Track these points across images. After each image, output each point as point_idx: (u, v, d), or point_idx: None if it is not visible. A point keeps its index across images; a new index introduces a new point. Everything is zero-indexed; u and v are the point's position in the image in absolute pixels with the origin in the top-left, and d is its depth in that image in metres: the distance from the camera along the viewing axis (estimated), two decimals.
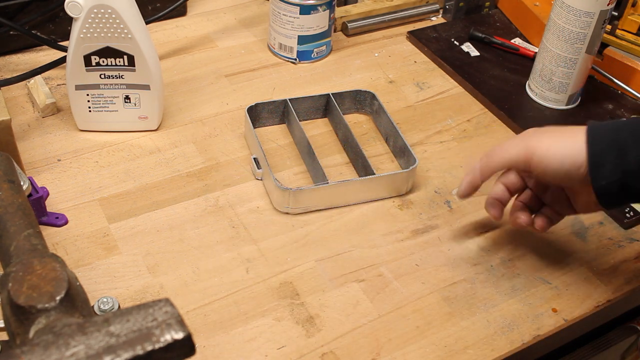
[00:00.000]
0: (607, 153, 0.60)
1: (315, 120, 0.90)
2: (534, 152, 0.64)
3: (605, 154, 0.60)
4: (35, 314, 0.44)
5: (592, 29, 0.85)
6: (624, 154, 0.60)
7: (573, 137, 0.63)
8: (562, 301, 0.70)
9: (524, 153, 0.65)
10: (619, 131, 0.61)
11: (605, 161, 0.60)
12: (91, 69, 0.79)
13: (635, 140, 0.60)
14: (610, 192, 0.61)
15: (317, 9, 0.94)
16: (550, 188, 0.70)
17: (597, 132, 0.62)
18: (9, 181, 0.54)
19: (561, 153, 0.63)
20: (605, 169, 0.60)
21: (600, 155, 0.61)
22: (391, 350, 0.65)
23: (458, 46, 1.03)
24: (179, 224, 0.74)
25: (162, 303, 0.42)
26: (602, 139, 0.61)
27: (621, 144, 0.60)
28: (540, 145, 0.64)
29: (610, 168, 0.60)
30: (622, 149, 0.60)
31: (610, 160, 0.60)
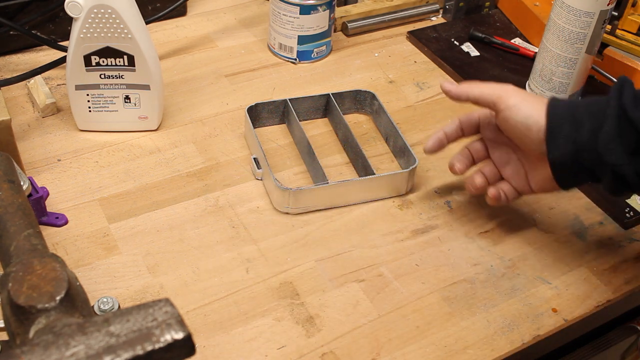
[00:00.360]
0: (563, 125, 0.63)
1: (315, 120, 0.90)
2: (507, 98, 0.68)
3: (561, 126, 0.64)
4: (35, 314, 0.44)
5: (592, 29, 0.85)
6: (579, 127, 0.63)
7: (543, 103, 0.66)
8: (562, 301, 0.70)
9: (497, 94, 0.69)
10: (577, 107, 0.64)
11: (560, 133, 0.64)
12: (91, 69, 0.79)
13: (589, 115, 0.63)
14: (563, 163, 0.64)
15: (317, 9, 0.94)
16: (510, 162, 0.73)
17: (557, 105, 0.65)
18: (9, 181, 0.54)
19: (528, 110, 0.66)
20: (559, 141, 0.64)
21: (556, 126, 0.64)
22: (391, 350, 0.65)
23: (458, 46, 1.03)
24: (179, 224, 0.74)
25: (162, 303, 0.42)
26: (561, 112, 0.65)
27: (577, 118, 0.63)
28: (514, 96, 0.68)
29: (564, 140, 0.63)
30: (577, 122, 0.63)
31: (565, 132, 0.63)
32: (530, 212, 0.79)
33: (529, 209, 0.80)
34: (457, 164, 0.75)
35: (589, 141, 0.62)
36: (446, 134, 0.76)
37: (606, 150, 0.61)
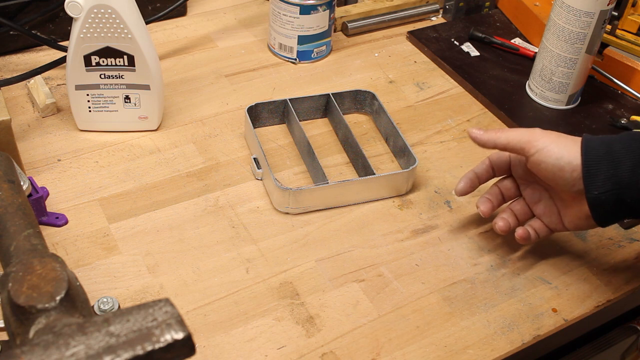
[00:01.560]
0: (601, 163, 0.62)
1: (315, 120, 0.90)
2: (536, 142, 0.66)
3: (599, 164, 0.62)
4: (35, 314, 0.44)
5: (592, 29, 0.85)
6: (617, 166, 0.61)
7: (573, 142, 0.65)
8: (562, 301, 0.70)
9: (526, 139, 0.67)
10: (612, 143, 0.63)
11: (598, 171, 0.62)
12: (91, 69, 0.79)
13: (627, 152, 0.61)
14: (603, 203, 0.63)
15: (317, 9, 0.94)
16: (542, 200, 0.71)
17: (591, 143, 0.64)
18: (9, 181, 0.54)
19: (560, 151, 0.65)
20: (598, 179, 0.62)
21: (593, 164, 0.62)
22: (391, 350, 0.65)
23: (458, 46, 1.03)
24: (179, 224, 0.74)
25: (162, 303, 0.42)
26: (596, 150, 0.63)
27: (614, 156, 0.62)
28: (543, 138, 0.66)
29: (602, 178, 0.62)
30: (614, 160, 0.62)
31: (603, 170, 0.62)
32: None
33: None
34: (481, 206, 0.73)
35: (630, 179, 0.61)
36: (477, 175, 0.74)
37: None
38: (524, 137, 0.67)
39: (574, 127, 0.91)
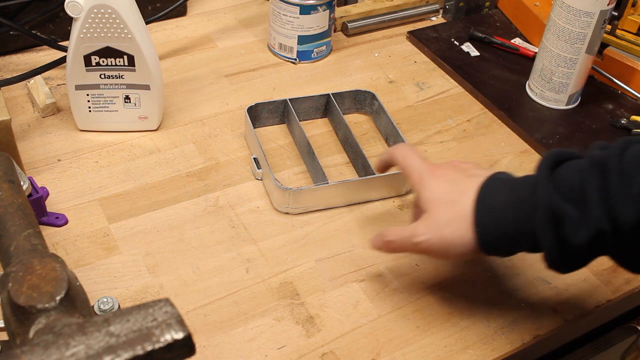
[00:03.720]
0: (498, 246, 0.59)
1: (315, 120, 0.90)
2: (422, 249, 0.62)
3: (496, 247, 0.60)
4: (35, 314, 0.44)
5: (592, 29, 0.85)
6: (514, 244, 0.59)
7: (460, 225, 0.60)
8: (562, 301, 0.70)
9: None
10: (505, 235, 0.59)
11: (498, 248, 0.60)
12: (91, 69, 0.79)
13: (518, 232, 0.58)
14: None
15: (317, 9, 0.94)
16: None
17: (486, 236, 0.59)
18: (9, 181, 0.54)
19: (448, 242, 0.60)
20: (499, 252, 0.61)
21: (489, 240, 0.59)
22: (391, 350, 0.65)
23: (458, 46, 1.03)
24: (179, 224, 0.74)
25: (162, 303, 0.42)
26: (491, 235, 0.59)
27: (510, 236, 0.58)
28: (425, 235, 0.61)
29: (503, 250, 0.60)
30: (512, 243, 0.59)
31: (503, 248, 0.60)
32: None
33: None
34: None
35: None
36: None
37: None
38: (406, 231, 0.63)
39: (574, 127, 0.91)
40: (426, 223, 0.61)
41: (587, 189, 0.54)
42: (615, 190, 0.53)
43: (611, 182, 0.53)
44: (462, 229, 0.59)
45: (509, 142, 0.89)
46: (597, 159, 0.55)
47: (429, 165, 0.65)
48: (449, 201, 0.60)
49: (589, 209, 0.54)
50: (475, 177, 0.61)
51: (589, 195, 0.54)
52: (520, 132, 0.90)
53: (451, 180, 0.62)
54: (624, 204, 0.52)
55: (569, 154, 0.59)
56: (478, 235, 0.59)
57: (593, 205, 0.54)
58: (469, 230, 0.59)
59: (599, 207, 0.53)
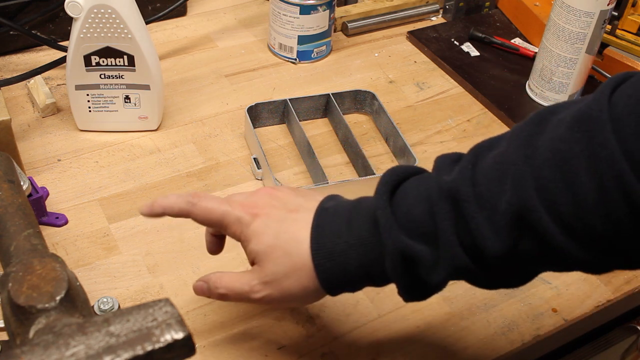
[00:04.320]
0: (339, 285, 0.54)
1: (315, 120, 0.90)
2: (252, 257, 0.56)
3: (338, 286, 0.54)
4: (35, 314, 0.44)
5: (592, 29, 0.85)
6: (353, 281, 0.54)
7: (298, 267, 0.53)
8: (562, 301, 0.70)
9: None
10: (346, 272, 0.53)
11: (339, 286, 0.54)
12: (91, 69, 0.79)
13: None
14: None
15: (317, 9, 0.94)
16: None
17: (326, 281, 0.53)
18: (9, 181, 0.54)
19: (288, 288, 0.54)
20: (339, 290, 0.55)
21: (335, 286, 0.54)
22: (391, 350, 0.65)
23: (458, 46, 1.03)
24: (179, 224, 0.74)
25: (162, 303, 0.42)
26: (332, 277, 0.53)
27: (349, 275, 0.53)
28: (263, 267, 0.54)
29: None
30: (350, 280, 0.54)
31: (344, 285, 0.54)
32: None
33: None
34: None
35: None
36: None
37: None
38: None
39: None
40: (262, 279, 0.54)
41: (438, 224, 0.48)
42: (475, 222, 0.47)
43: (467, 214, 0.47)
44: (304, 279, 0.53)
45: None
46: (446, 188, 0.48)
47: (241, 206, 0.56)
48: (283, 252, 0.53)
49: (445, 248, 0.48)
50: (300, 212, 0.55)
51: (441, 231, 0.48)
52: None
53: (276, 220, 0.54)
54: (487, 236, 0.47)
55: (407, 172, 0.53)
56: (323, 284, 0.53)
57: (449, 243, 0.48)
58: (312, 279, 0.53)
59: (456, 244, 0.48)
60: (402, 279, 0.51)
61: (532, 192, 0.45)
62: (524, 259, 0.48)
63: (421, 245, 0.49)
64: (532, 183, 0.45)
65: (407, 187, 0.51)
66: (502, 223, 0.46)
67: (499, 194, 0.46)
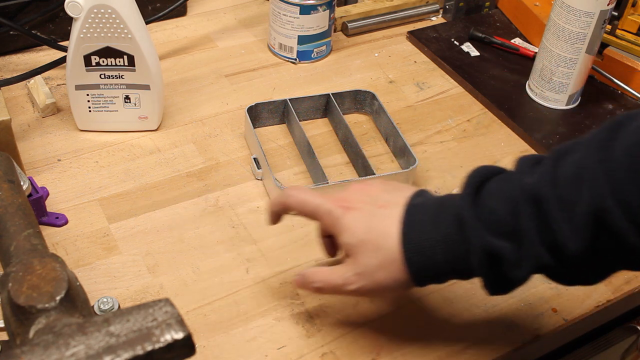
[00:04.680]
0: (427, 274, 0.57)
1: (315, 120, 0.90)
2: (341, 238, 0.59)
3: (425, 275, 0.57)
4: (35, 314, 0.44)
5: (592, 29, 0.85)
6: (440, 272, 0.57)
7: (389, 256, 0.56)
8: (562, 301, 0.70)
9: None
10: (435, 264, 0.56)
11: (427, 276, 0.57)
12: (91, 69, 0.79)
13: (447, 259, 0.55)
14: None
15: (317, 9, 0.94)
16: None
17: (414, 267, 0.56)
18: (9, 181, 0.54)
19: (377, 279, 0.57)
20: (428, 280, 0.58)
21: (424, 279, 0.58)
22: (391, 350, 0.65)
23: (458, 46, 1.03)
24: (179, 224, 0.74)
25: (162, 303, 0.42)
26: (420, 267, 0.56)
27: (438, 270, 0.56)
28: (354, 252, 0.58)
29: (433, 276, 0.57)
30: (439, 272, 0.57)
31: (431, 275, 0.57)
32: None
33: None
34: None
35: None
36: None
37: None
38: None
39: (574, 127, 0.91)
40: (355, 271, 0.58)
41: (522, 224, 0.51)
42: (556, 222, 0.50)
43: (549, 215, 0.50)
44: (395, 272, 0.57)
45: (509, 142, 0.89)
46: (529, 189, 0.51)
47: (334, 200, 0.60)
48: (374, 246, 0.57)
49: (528, 246, 0.51)
50: (389, 208, 0.58)
51: (525, 231, 0.51)
52: (520, 132, 0.90)
53: (366, 216, 0.58)
54: (568, 236, 0.50)
55: (491, 172, 0.56)
56: (412, 277, 0.57)
57: (531, 241, 0.51)
58: (401, 272, 0.56)
59: (539, 243, 0.51)
60: (487, 274, 0.54)
61: (608, 194, 0.48)
62: (601, 258, 0.51)
63: (505, 243, 0.52)
64: (607, 186, 0.48)
65: (491, 187, 0.54)
66: (581, 224, 0.49)
67: (578, 196, 0.49)
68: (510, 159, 0.86)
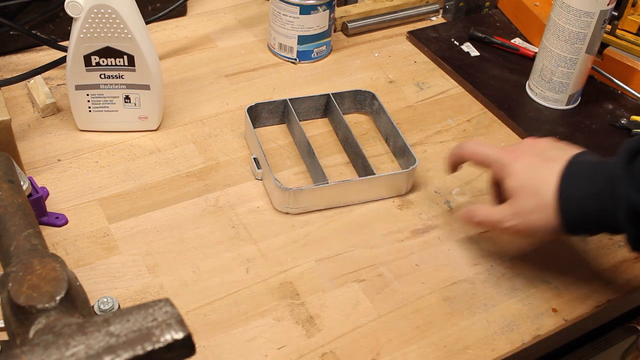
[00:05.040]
0: (581, 225, 0.63)
1: (315, 120, 0.90)
2: (506, 179, 0.66)
3: (579, 226, 0.63)
4: (35, 314, 0.44)
5: (592, 29, 0.85)
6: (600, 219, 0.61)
7: (546, 202, 0.63)
8: (562, 301, 0.70)
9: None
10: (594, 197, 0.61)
11: (580, 228, 0.63)
12: (91, 69, 0.79)
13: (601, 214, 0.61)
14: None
15: (317, 9, 0.94)
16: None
17: (569, 213, 0.62)
18: (9, 181, 0.54)
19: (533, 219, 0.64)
20: (580, 230, 0.64)
21: (574, 227, 0.63)
22: (391, 350, 0.65)
23: (458, 46, 1.03)
24: (179, 224, 0.74)
25: (162, 303, 0.42)
26: (573, 214, 0.62)
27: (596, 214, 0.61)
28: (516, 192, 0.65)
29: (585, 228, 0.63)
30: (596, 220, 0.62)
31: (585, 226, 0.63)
32: None
33: None
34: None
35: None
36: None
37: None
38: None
39: (574, 127, 0.91)
40: (513, 210, 0.65)
41: None
42: None
43: None
44: (547, 217, 0.63)
45: (509, 142, 0.89)
46: None
47: (505, 151, 0.68)
48: (533, 190, 0.64)
49: None
50: (553, 162, 0.64)
51: None
52: (520, 132, 0.90)
53: (532, 166, 0.65)
54: None
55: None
56: (563, 223, 0.63)
57: None
58: (553, 217, 0.63)
59: None
60: (631, 231, 0.59)
61: None
62: None
63: None
64: None
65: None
66: None
67: None
68: None
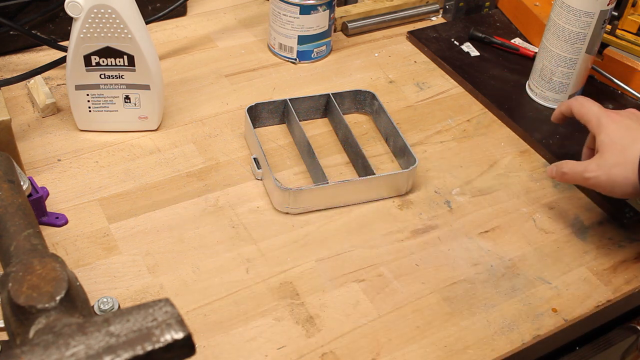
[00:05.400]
0: None
1: (315, 120, 0.90)
2: (599, 144, 0.70)
3: None
4: (35, 314, 0.44)
5: (592, 29, 0.85)
6: None
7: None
8: (562, 301, 0.70)
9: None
10: None
11: None
12: (91, 69, 0.79)
13: None
14: None
15: (317, 9, 0.94)
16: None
17: None
18: (9, 181, 0.54)
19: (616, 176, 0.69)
20: None
21: None
22: (391, 350, 0.65)
23: (458, 46, 1.03)
24: (179, 224, 0.74)
25: (162, 303, 0.42)
26: None
27: None
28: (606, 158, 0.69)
29: None
30: None
31: None
32: (530, 212, 0.79)
33: (528, 209, 0.80)
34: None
35: None
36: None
37: None
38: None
39: (574, 127, 0.90)
40: (598, 162, 0.69)
41: None
42: None
43: None
44: (629, 172, 0.67)
45: (509, 142, 0.89)
46: None
47: (607, 111, 0.72)
48: (621, 146, 0.68)
49: None
50: None
51: None
52: (520, 132, 0.90)
53: (626, 127, 0.69)
54: None
55: None
56: None
57: None
58: (634, 174, 0.66)
59: None
60: None
61: None
62: None
63: None
64: None
65: None
66: None
67: None
68: (510, 159, 0.86)
